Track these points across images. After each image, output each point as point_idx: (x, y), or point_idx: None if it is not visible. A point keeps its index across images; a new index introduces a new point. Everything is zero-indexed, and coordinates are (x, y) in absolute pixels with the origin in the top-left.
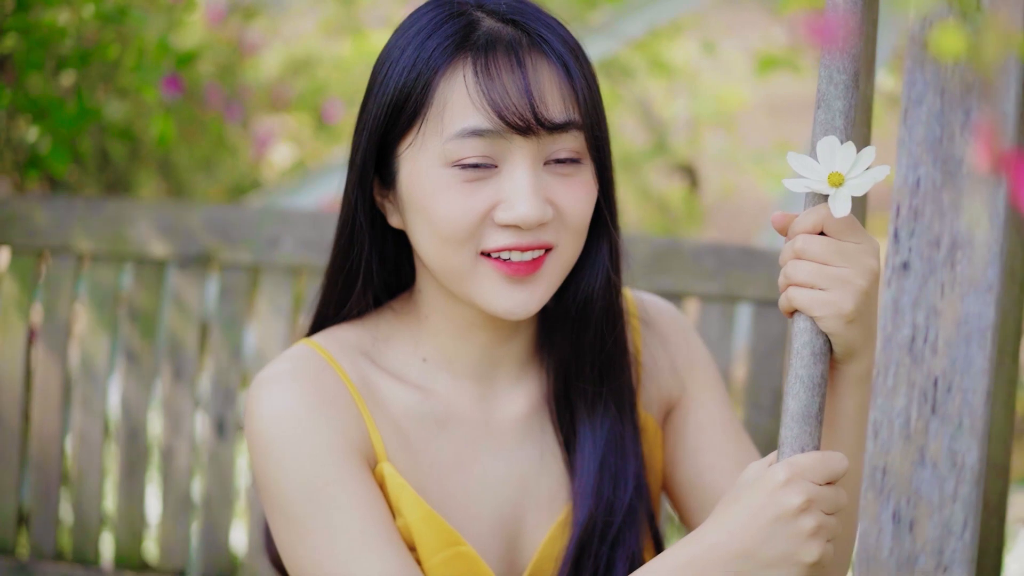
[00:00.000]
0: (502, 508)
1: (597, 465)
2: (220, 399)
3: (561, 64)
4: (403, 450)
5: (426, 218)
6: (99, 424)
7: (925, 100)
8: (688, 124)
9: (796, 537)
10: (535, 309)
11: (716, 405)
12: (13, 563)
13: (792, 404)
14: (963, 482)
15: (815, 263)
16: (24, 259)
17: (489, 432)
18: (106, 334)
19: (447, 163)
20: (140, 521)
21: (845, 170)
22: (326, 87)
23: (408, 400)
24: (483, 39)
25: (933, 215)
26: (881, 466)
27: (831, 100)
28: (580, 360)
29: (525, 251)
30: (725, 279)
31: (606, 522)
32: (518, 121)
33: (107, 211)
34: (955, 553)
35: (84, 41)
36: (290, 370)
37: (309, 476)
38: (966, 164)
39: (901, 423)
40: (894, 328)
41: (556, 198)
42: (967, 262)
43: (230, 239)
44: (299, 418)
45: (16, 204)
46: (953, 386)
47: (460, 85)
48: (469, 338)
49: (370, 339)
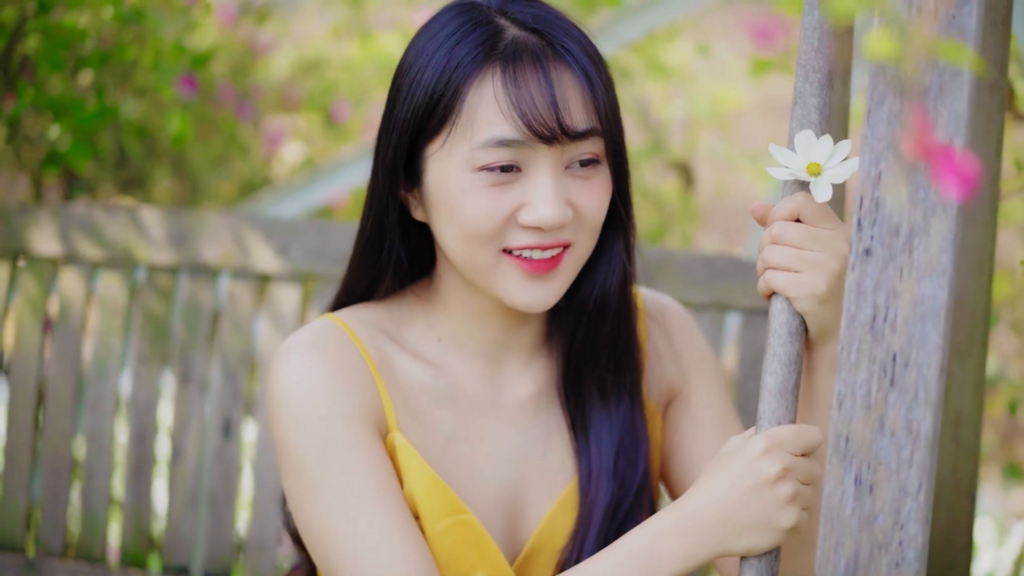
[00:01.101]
0: (506, 482)
1: (614, 449)
2: (228, 400)
3: (583, 74)
4: (414, 421)
5: (453, 217)
6: (109, 423)
7: (886, 101)
8: (685, 124)
9: (773, 503)
10: (552, 302)
11: (714, 398)
12: (21, 560)
13: (770, 380)
14: (918, 448)
15: (791, 247)
16: (39, 265)
17: (497, 410)
18: (117, 337)
19: (474, 167)
20: (147, 518)
21: (823, 161)
22: (335, 88)
23: (422, 376)
24: (510, 48)
25: (894, 204)
26: (844, 434)
27: (806, 97)
28: (596, 351)
29: (546, 249)
30: (715, 289)
31: (620, 500)
32: (544, 132)
33: (119, 218)
34: (911, 513)
35: (103, 42)
36: (312, 340)
37: (324, 439)
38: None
39: (863, 395)
40: (857, 308)
41: (575, 200)
42: (923, 249)
43: (239, 246)
44: (317, 384)
45: (32, 212)
46: (910, 361)
47: (489, 95)
48: (483, 323)
49: (390, 319)
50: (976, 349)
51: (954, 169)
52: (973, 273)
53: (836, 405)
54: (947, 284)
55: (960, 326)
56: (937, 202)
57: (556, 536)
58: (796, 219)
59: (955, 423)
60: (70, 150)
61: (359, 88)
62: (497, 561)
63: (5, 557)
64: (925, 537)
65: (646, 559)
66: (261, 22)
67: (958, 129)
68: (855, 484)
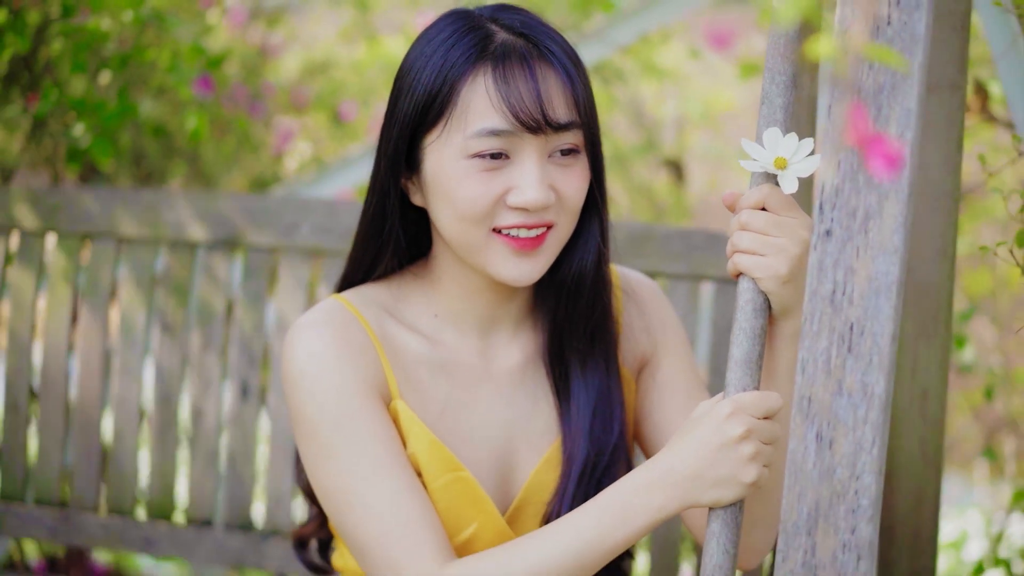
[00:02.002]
0: (497, 443)
1: (591, 412)
2: (245, 366)
3: (564, 72)
4: (414, 390)
5: (448, 200)
6: (136, 389)
7: (845, 99)
8: (677, 123)
9: (737, 461)
10: (537, 277)
11: (683, 366)
12: (59, 514)
13: (736, 351)
14: (872, 408)
15: (757, 233)
16: (69, 242)
17: (488, 378)
18: (143, 309)
19: (467, 155)
20: (172, 475)
21: (788, 155)
22: (342, 88)
23: (420, 348)
24: (499, 50)
25: (851, 191)
26: (807, 396)
27: (773, 97)
28: (574, 324)
29: (531, 228)
30: (691, 260)
31: (597, 459)
32: (531, 122)
33: (145, 198)
34: (865, 465)
35: (123, 44)
36: (321, 319)
37: (336, 408)
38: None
39: (823, 361)
40: (818, 283)
41: (557, 185)
42: (877, 230)
43: (255, 224)
44: (328, 360)
45: (62, 192)
46: (865, 330)
47: (481, 90)
48: (474, 298)
49: (390, 297)
50: (940, 330)
51: (883, 153)
52: (936, 259)
53: (800, 370)
54: (898, 262)
55: (925, 309)
56: (890, 188)
57: (542, 490)
58: (762, 208)
59: (922, 399)
60: (93, 146)
61: (365, 89)
62: (490, 512)
63: (44, 511)
64: (879, 486)
65: (624, 511)
66: (272, 26)
67: (908, 123)
68: (816, 440)
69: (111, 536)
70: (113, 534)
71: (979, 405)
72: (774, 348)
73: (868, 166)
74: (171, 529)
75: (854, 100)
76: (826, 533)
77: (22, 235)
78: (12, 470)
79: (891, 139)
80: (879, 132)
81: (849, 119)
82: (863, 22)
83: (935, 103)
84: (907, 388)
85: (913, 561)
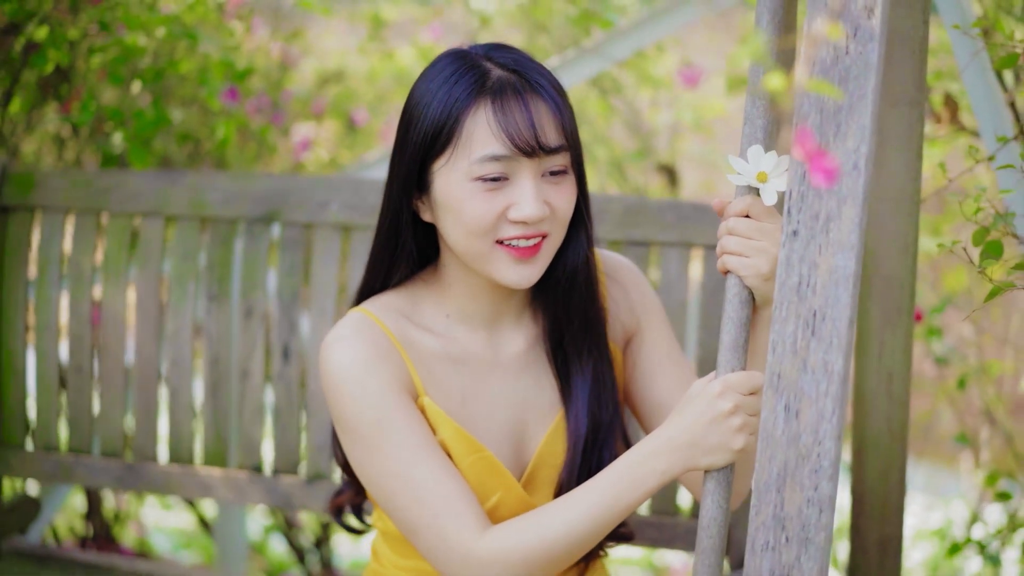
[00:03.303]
0: (510, 419)
1: (587, 393)
2: (286, 330)
3: (553, 103)
4: (435, 385)
5: (457, 217)
6: (188, 352)
7: (810, 117)
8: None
9: (727, 431)
10: (535, 280)
11: (663, 337)
12: (122, 465)
13: (725, 337)
14: (832, 383)
15: (742, 238)
16: (121, 221)
17: (498, 365)
18: (191, 279)
19: (472, 178)
20: (224, 427)
21: (769, 170)
22: (355, 96)
23: (436, 345)
24: (496, 85)
25: (814, 198)
26: (777, 372)
27: (754, 118)
28: (569, 317)
29: (530, 239)
30: (682, 229)
31: (596, 432)
32: (527, 148)
33: (190, 180)
34: (826, 431)
35: (156, 58)
36: (350, 333)
37: (373, 410)
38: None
39: (791, 343)
40: (786, 276)
41: (550, 200)
42: (837, 230)
43: (289, 203)
44: (359, 367)
45: (114, 176)
46: (826, 316)
47: (483, 121)
48: (481, 299)
49: (406, 303)
50: (903, 318)
51: (822, 167)
52: (900, 255)
53: (770, 351)
54: (855, 257)
55: (890, 300)
56: (848, 194)
57: (551, 456)
58: (747, 215)
59: (888, 381)
60: (130, 153)
61: (377, 97)
62: (511, 483)
63: (109, 462)
64: (838, 450)
65: (633, 476)
66: (291, 40)
67: (864, 137)
68: (784, 411)
69: (172, 483)
70: (173, 481)
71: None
72: (756, 332)
73: (811, 176)
74: (225, 475)
75: (802, 122)
76: (792, 490)
77: (77, 215)
78: (79, 425)
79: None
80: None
81: (796, 138)
82: (826, 52)
83: (896, 117)
84: (874, 371)
85: (882, 528)
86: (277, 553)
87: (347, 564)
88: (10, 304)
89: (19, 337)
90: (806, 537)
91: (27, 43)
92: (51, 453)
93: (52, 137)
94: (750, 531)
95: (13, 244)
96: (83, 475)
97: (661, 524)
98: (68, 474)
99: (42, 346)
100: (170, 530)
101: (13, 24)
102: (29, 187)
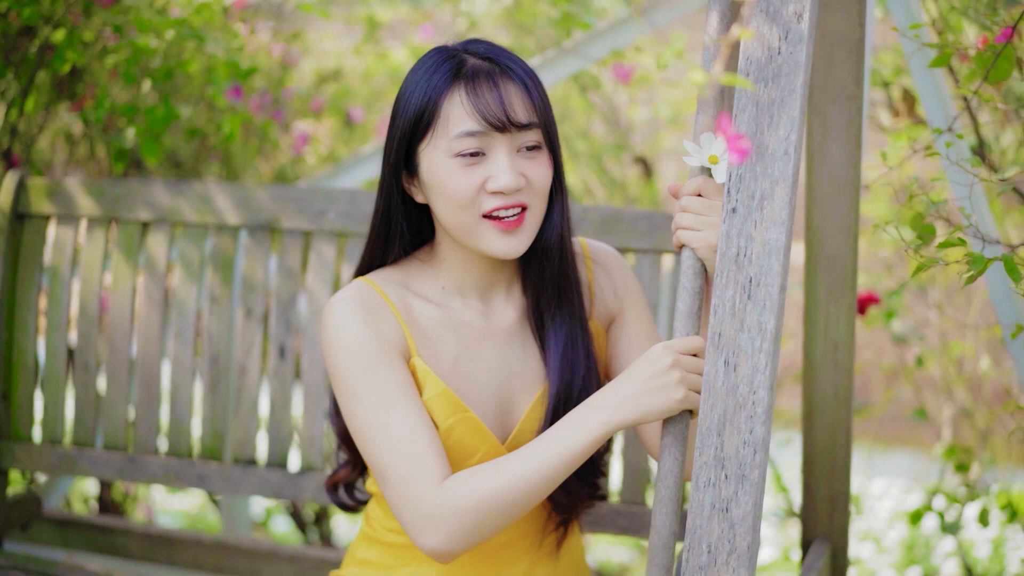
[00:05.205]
0: (498, 388)
1: (559, 356)
2: (282, 331)
3: (522, 84)
4: (428, 348)
5: (442, 192)
6: (189, 350)
7: (747, 109)
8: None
9: (667, 384)
10: (522, 251)
11: (644, 321)
12: (124, 456)
13: (680, 306)
14: (766, 340)
15: (694, 214)
16: (130, 227)
17: (489, 335)
18: (194, 283)
19: (452, 155)
20: (222, 423)
21: (719, 153)
22: (351, 94)
23: (432, 313)
24: (470, 71)
25: (750, 179)
26: (718, 332)
27: (706, 107)
28: (544, 284)
29: (509, 209)
30: (654, 238)
31: (568, 394)
32: (497, 123)
33: (195, 189)
34: (760, 382)
35: (165, 59)
36: (351, 296)
37: (362, 361)
38: (769, 149)
39: (730, 306)
40: (727, 248)
41: (526, 172)
42: (770, 208)
43: (288, 211)
44: (355, 324)
45: (124, 185)
46: (761, 283)
47: (458, 102)
48: (473, 270)
49: (404, 276)
50: (846, 293)
51: (736, 148)
52: (841, 236)
53: (712, 313)
54: (785, 232)
55: (833, 276)
56: (779, 176)
57: (534, 422)
58: (699, 194)
59: (834, 350)
60: (142, 147)
61: (372, 95)
62: (492, 443)
63: (111, 454)
64: (771, 398)
65: (579, 425)
66: (292, 41)
67: (793, 127)
68: (724, 365)
69: (169, 474)
70: (171, 473)
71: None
72: (709, 301)
73: (729, 155)
74: (220, 467)
75: (740, 114)
76: (731, 434)
77: (89, 222)
78: (84, 420)
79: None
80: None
81: (717, 123)
82: (761, 52)
83: (837, 111)
84: (821, 342)
85: (831, 484)
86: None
87: (344, 543)
88: (24, 305)
89: (30, 337)
90: (743, 474)
91: (42, 45)
92: (56, 446)
93: (65, 134)
94: (695, 470)
95: (28, 249)
96: (86, 467)
97: (631, 513)
98: (72, 466)
99: (51, 344)
100: (176, 512)
101: (28, 27)
102: (45, 196)
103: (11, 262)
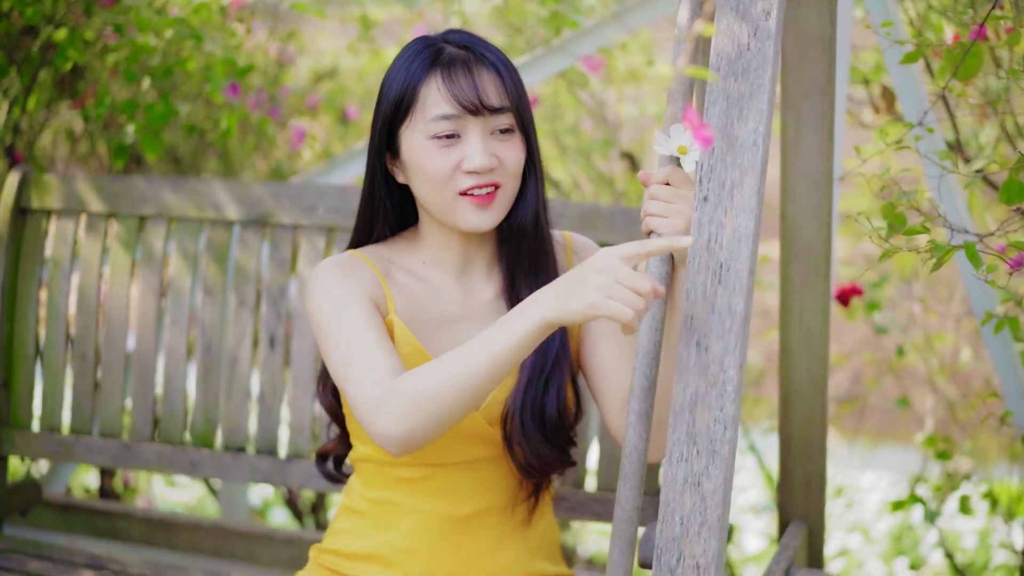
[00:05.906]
0: None
1: None
2: (273, 321)
3: (496, 70)
4: (408, 310)
5: (420, 172)
6: (183, 341)
7: (718, 103)
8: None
9: (585, 288)
10: (494, 224)
11: None
12: (119, 444)
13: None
14: (735, 322)
15: (663, 202)
16: (128, 222)
17: (467, 309)
18: (189, 276)
19: (429, 136)
20: (214, 411)
21: (688, 144)
22: (347, 92)
23: (415, 283)
24: (447, 58)
25: (721, 168)
26: (691, 315)
27: (676, 99)
28: (520, 260)
29: (483, 187)
30: (630, 232)
31: (541, 366)
32: (470, 107)
33: (190, 185)
34: (731, 362)
35: (164, 57)
36: (337, 258)
37: (336, 300)
38: (738, 141)
39: (702, 290)
40: (698, 235)
41: (499, 153)
42: (739, 196)
43: (280, 206)
44: (335, 276)
45: (123, 180)
46: (730, 268)
47: (434, 88)
48: (452, 246)
49: (389, 252)
50: (819, 282)
51: (701, 136)
52: (815, 226)
53: (685, 297)
54: (754, 219)
55: (808, 265)
56: (748, 166)
57: (503, 390)
58: (667, 183)
59: (808, 337)
60: (142, 143)
61: (367, 92)
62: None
63: (106, 441)
64: (740, 377)
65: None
66: (288, 40)
67: (761, 119)
68: (696, 346)
69: (163, 461)
70: (164, 460)
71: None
72: (674, 285)
73: (695, 142)
74: (212, 454)
75: (711, 107)
76: (702, 411)
77: (88, 216)
78: (81, 409)
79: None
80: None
81: (684, 114)
82: (731, 48)
83: (810, 106)
84: (796, 329)
85: (807, 467)
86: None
87: None
88: (25, 298)
89: (31, 328)
90: (713, 450)
91: (44, 44)
92: (54, 433)
93: (66, 131)
94: (668, 446)
95: (30, 243)
96: (83, 453)
97: (607, 500)
98: (69, 453)
99: (51, 335)
100: (175, 504)
101: (30, 27)
102: (46, 192)
103: (13, 256)
